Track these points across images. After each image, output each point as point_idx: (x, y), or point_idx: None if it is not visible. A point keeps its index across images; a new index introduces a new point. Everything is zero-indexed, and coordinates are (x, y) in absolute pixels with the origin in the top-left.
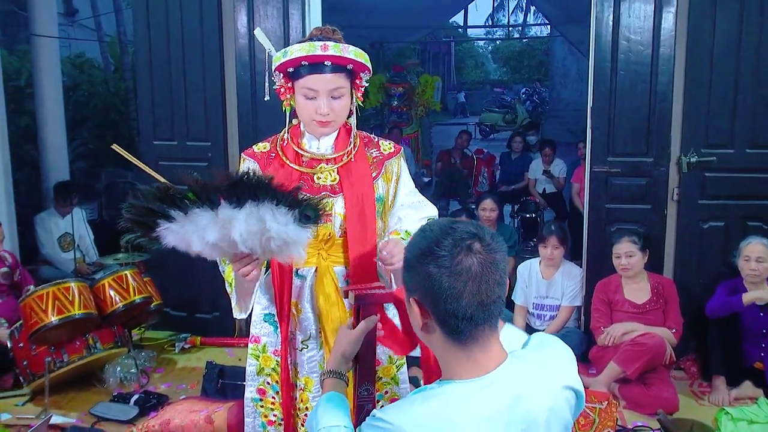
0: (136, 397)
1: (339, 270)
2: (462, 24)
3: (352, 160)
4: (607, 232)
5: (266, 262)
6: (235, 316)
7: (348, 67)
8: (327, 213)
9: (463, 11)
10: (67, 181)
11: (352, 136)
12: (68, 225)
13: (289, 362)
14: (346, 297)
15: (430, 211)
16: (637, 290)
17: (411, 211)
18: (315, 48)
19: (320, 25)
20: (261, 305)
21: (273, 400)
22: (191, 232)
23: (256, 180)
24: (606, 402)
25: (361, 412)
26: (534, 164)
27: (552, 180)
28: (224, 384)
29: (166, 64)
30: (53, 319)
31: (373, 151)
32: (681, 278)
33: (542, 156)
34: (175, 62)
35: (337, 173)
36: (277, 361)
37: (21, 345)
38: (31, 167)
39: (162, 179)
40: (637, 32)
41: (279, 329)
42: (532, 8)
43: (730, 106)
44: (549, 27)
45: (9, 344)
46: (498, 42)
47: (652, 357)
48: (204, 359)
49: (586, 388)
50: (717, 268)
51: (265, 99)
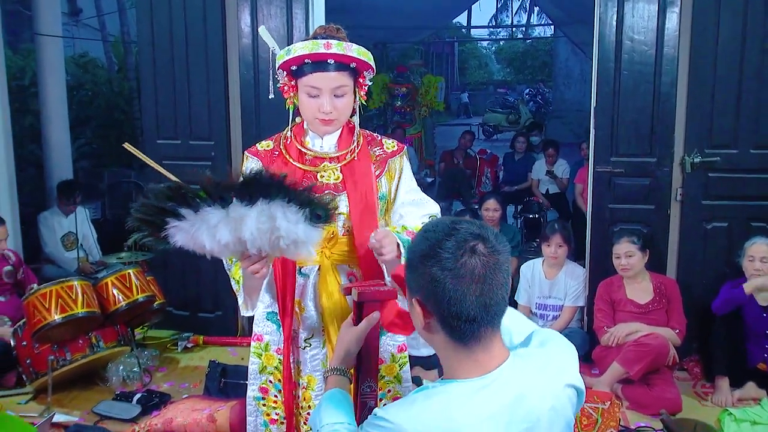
0: (138, 395)
1: (342, 268)
2: (465, 24)
3: (356, 158)
4: (610, 233)
5: None
6: (242, 314)
7: (351, 66)
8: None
9: (466, 12)
10: (71, 180)
11: (356, 134)
12: (71, 224)
13: (292, 360)
14: (348, 294)
15: (432, 208)
16: (640, 290)
17: (412, 208)
18: (318, 46)
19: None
20: (264, 303)
21: (275, 398)
22: (202, 231)
23: (269, 178)
24: (609, 402)
25: (363, 408)
26: (537, 165)
27: (555, 180)
28: (227, 383)
29: (169, 63)
30: (56, 317)
31: (376, 149)
32: (684, 279)
33: (545, 156)
34: (179, 62)
35: (341, 172)
36: (279, 359)
37: (24, 343)
38: (35, 166)
39: (173, 177)
40: (641, 32)
41: (282, 327)
42: (536, 9)
43: (733, 107)
44: (552, 28)
45: (12, 342)
46: (501, 42)
47: (656, 358)
48: (206, 358)
49: (589, 388)
50: (720, 268)
51: (270, 97)
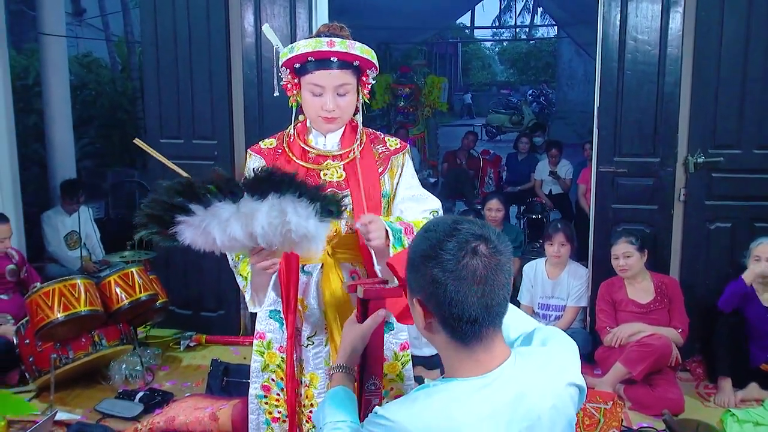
0: (141, 394)
1: (345, 266)
2: (469, 25)
3: (358, 156)
4: (613, 233)
5: None
6: (250, 310)
7: (354, 64)
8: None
9: (469, 12)
10: (74, 179)
11: (359, 132)
12: (75, 223)
13: (295, 358)
14: (353, 292)
15: (433, 204)
16: (641, 290)
17: (412, 203)
18: (321, 44)
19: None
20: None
21: (277, 396)
22: (213, 226)
23: (281, 174)
24: (611, 402)
25: (368, 406)
26: (540, 165)
27: (558, 181)
28: (229, 382)
29: (173, 63)
30: (59, 315)
31: (379, 147)
32: (687, 279)
33: (549, 157)
34: (182, 61)
35: (344, 170)
36: (282, 357)
37: (27, 341)
38: (39, 165)
39: (183, 173)
40: (645, 32)
41: (285, 325)
42: (539, 9)
43: (737, 107)
44: (556, 28)
45: (15, 341)
46: (505, 43)
47: (658, 358)
48: (209, 357)
49: (592, 388)
50: (723, 269)
51: (274, 95)
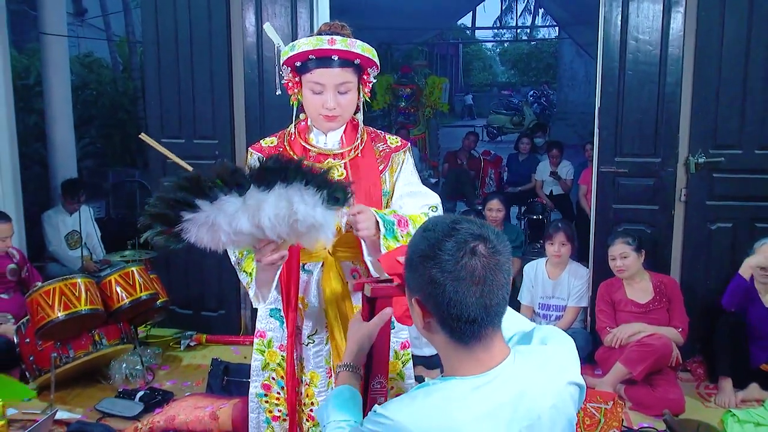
0: (141, 393)
1: (346, 264)
2: (470, 26)
3: (359, 155)
4: (613, 233)
5: None
6: (254, 306)
7: (355, 62)
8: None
9: (471, 13)
10: (75, 179)
11: (359, 131)
12: (75, 223)
13: (295, 357)
14: (360, 290)
15: (432, 199)
16: (639, 290)
17: (410, 199)
18: (322, 42)
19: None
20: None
21: (278, 395)
22: (219, 221)
23: (287, 161)
24: (612, 402)
25: (373, 405)
26: (541, 166)
27: (559, 182)
28: (229, 381)
29: (174, 62)
30: (60, 314)
31: (380, 145)
32: (688, 279)
33: (549, 157)
34: (183, 61)
35: (345, 168)
36: (282, 356)
37: (27, 340)
38: (40, 165)
39: (188, 167)
40: (646, 32)
41: (285, 324)
42: (541, 10)
43: (738, 107)
44: (557, 29)
45: (15, 340)
46: (506, 44)
47: (659, 358)
48: (209, 357)
49: (592, 388)
50: (724, 269)
51: (276, 93)
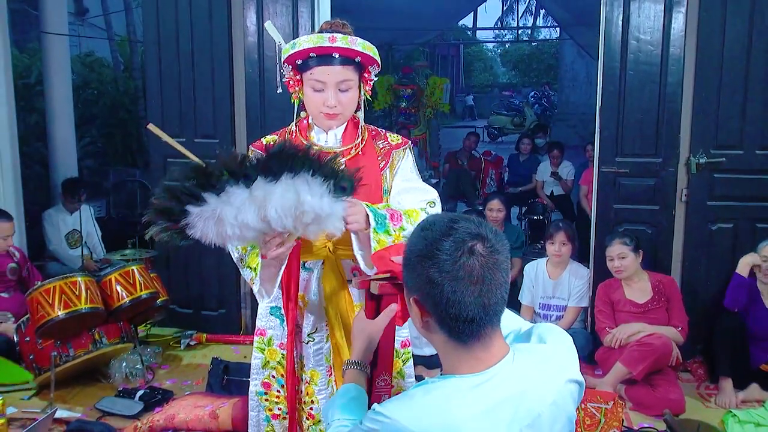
0: (141, 392)
1: (347, 263)
2: (471, 26)
3: (360, 153)
4: (613, 233)
5: None
6: (259, 301)
7: (356, 60)
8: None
9: (472, 14)
10: (76, 178)
11: (360, 129)
12: (76, 222)
13: (295, 355)
14: (365, 288)
15: (429, 194)
16: (638, 290)
17: (408, 195)
18: (323, 39)
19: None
20: (263, 300)
21: (278, 393)
22: (225, 214)
23: (295, 149)
24: (612, 402)
25: (379, 402)
26: (542, 166)
27: (560, 182)
28: (229, 380)
29: (175, 62)
30: (60, 313)
31: (380, 142)
32: (689, 280)
33: (550, 158)
34: (184, 60)
35: (345, 166)
36: (282, 354)
37: (27, 339)
38: (40, 164)
39: (195, 158)
40: (647, 32)
41: (285, 322)
42: (542, 11)
43: (739, 107)
44: (558, 30)
45: (15, 338)
46: (507, 45)
47: (658, 357)
48: (209, 356)
49: (593, 388)
50: (725, 269)
51: (278, 91)
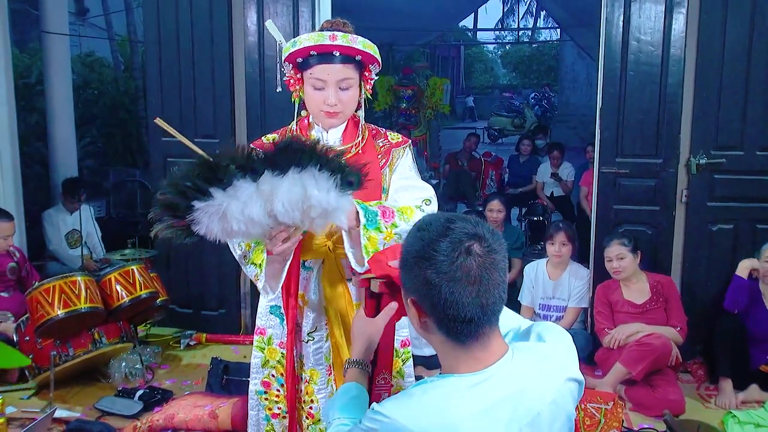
0: (140, 392)
1: (346, 262)
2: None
3: (360, 152)
4: (612, 233)
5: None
6: (263, 298)
7: (357, 59)
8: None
9: (473, 15)
10: (76, 178)
11: (360, 128)
12: (76, 221)
13: (295, 354)
14: (365, 286)
15: (425, 192)
16: (636, 291)
17: (404, 193)
18: (323, 38)
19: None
20: (267, 297)
21: (277, 392)
22: (231, 209)
23: (302, 144)
24: (612, 402)
25: (378, 400)
26: (542, 167)
27: (560, 183)
28: (229, 380)
29: (175, 61)
30: (59, 312)
31: (380, 141)
32: (689, 281)
33: (550, 159)
34: (185, 60)
35: None
36: (282, 353)
37: (27, 339)
38: (41, 164)
39: (202, 152)
40: (648, 33)
41: (285, 320)
42: (542, 13)
43: (740, 108)
44: (559, 32)
45: (15, 338)
46: (507, 46)
47: (658, 357)
48: (209, 356)
49: (592, 389)
50: (725, 270)
51: (277, 90)
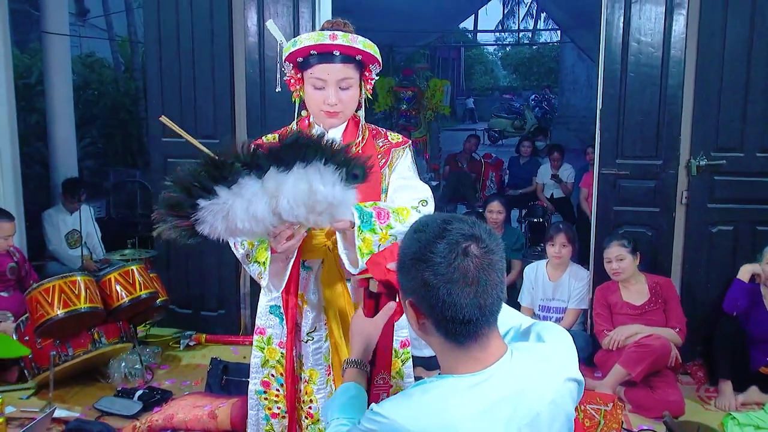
0: (140, 392)
1: None
2: (472, 29)
3: (360, 152)
4: (612, 234)
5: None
6: (266, 295)
7: (357, 58)
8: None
9: (473, 16)
10: (76, 178)
11: (360, 128)
12: (76, 222)
13: (294, 354)
14: (365, 286)
15: (422, 192)
16: (635, 292)
17: (401, 193)
18: (324, 37)
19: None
20: (267, 297)
21: (277, 392)
22: (236, 207)
23: (307, 138)
24: (611, 404)
25: (377, 400)
26: (542, 169)
27: (560, 185)
28: (228, 380)
29: (175, 62)
30: (59, 312)
31: (380, 140)
32: (689, 282)
33: (550, 161)
34: (185, 61)
35: None
36: (282, 353)
37: (26, 338)
38: (41, 164)
39: (206, 150)
40: (648, 34)
41: (285, 320)
42: (543, 14)
43: (740, 110)
44: (559, 33)
45: (14, 337)
46: (508, 48)
47: (657, 358)
48: (208, 357)
49: (592, 390)
50: (725, 272)
51: (277, 90)
